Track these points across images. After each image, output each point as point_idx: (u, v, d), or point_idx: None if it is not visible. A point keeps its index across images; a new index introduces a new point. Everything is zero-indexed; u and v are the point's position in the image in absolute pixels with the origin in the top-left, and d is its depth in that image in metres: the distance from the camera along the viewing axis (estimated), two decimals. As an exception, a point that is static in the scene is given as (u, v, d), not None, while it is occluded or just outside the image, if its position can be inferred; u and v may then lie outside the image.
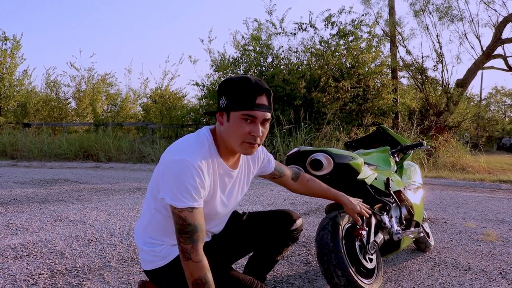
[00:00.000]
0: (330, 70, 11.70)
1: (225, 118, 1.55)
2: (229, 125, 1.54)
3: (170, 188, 1.46)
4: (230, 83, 1.55)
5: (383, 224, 2.35)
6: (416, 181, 2.95)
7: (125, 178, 7.75)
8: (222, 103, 1.55)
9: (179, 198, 1.45)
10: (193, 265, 1.46)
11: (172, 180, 1.46)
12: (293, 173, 2.09)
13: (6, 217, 4.03)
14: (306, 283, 2.42)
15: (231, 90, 1.53)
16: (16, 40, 16.80)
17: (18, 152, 12.37)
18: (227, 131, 1.55)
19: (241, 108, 1.50)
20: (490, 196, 6.29)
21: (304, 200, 5.36)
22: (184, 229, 1.46)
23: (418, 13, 12.92)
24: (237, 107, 1.51)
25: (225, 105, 1.53)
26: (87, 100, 17.47)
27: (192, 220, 1.46)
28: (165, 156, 1.56)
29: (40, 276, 2.45)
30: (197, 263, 1.46)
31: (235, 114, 1.52)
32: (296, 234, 2.01)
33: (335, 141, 9.79)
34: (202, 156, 1.53)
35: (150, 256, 1.67)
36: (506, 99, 43.64)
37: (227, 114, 1.54)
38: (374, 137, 3.17)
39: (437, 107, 12.43)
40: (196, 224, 1.47)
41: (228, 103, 1.52)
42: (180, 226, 1.46)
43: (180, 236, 1.46)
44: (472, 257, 3.01)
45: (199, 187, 1.49)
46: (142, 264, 1.73)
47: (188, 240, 1.46)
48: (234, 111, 1.51)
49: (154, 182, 1.63)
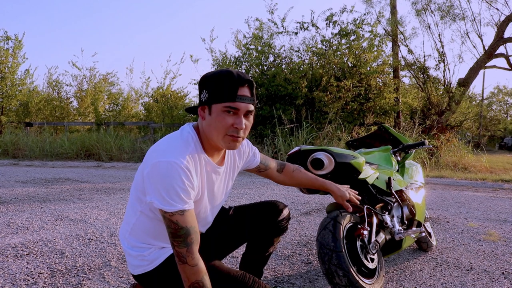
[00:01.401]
0: (332, 69, 11.68)
1: (206, 112, 1.52)
2: (211, 118, 1.50)
3: (158, 192, 1.41)
4: (210, 76, 1.51)
5: (384, 223, 2.33)
6: (418, 181, 2.94)
7: (127, 177, 7.74)
8: (203, 96, 1.51)
9: (168, 202, 1.41)
10: (190, 269, 1.43)
11: (159, 184, 1.41)
12: (278, 164, 2.07)
13: (7, 216, 4.03)
14: (307, 283, 2.41)
15: (212, 83, 1.49)
16: (18, 40, 16.80)
17: (20, 151, 12.38)
18: (209, 125, 1.51)
19: (223, 100, 1.46)
20: (492, 195, 6.26)
21: (305, 199, 5.35)
22: (177, 233, 1.42)
23: (420, 12, 12.89)
24: (218, 99, 1.47)
25: (206, 98, 1.49)
26: (88, 100, 17.48)
27: (184, 223, 1.43)
28: (150, 157, 1.49)
29: (40, 275, 2.44)
30: (193, 266, 1.43)
31: (217, 107, 1.48)
32: (284, 224, 1.99)
33: (336, 141, 9.77)
34: (188, 155, 1.49)
35: (138, 260, 1.63)
36: (508, 99, 43.55)
37: (209, 108, 1.50)
38: (376, 136, 3.15)
39: (439, 106, 12.39)
40: (188, 227, 1.43)
41: (209, 96, 1.48)
42: (173, 230, 1.42)
43: (174, 240, 1.43)
44: (474, 257, 2.99)
45: (188, 188, 1.45)
46: (130, 268, 1.68)
47: (182, 244, 1.42)
48: (216, 103, 1.48)
49: (138, 184, 1.59)
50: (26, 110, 17.34)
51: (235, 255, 2.90)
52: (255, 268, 2.05)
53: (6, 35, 16.56)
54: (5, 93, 16.74)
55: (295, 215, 4.36)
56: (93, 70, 18.37)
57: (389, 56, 12.70)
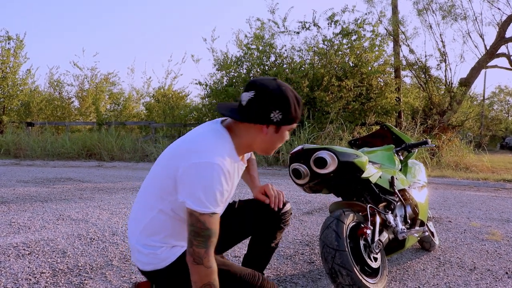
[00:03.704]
0: (333, 69, 11.66)
1: (272, 130, 1.56)
2: (274, 136, 1.58)
3: (195, 193, 1.41)
4: (281, 96, 1.52)
5: (387, 223, 2.32)
6: (421, 180, 2.93)
7: (128, 177, 7.74)
8: (276, 117, 1.52)
9: (204, 204, 1.41)
10: (204, 270, 1.43)
11: (199, 185, 1.41)
12: None
13: (9, 215, 4.02)
14: (310, 283, 2.40)
15: (286, 105, 1.53)
16: (19, 40, 16.80)
17: (21, 151, 12.38)
18: (267, 140, 1.59)
19: (292, 123, 1.57)
20: (494, 195, 6.25)
21: (307, 199, 5.34)
22: (200, 233, 1.41)
23: (421, 12, 12.86)
24: (289, 122, 1.56)
25: (279, 120, 1.53)
26: (90, 99, 17.48)
27: (210, 225, 1.42)
28: (187, 157, 1.47)
29: (42, 275, 2.44)
30: (208, 268, 1.43)
31: (286, 128, 1.58)
32: (287, 217, 2.00)
33: (338, 140, 9.76)
34: (228, 157, 1.50)
35: (149, 258, 1.62)
36: (510, 98, 43.47)
37: (277, 127, 1.55)
38: (378, 135, 3.14)
39: (440, 106, 12.37)
40: (213, 229, 1.43)
41: (282, 118, 1.53)
42: (197, 229, 1.41)
43: (195, 239, 1.42)
44: (478, 256, 2.98)
45: (225, 192, 1.46)
46: (139, 264, 1.66)
47: (202, 244, 1.42)
48: (286, 125, 1.56)
49: (162, 182, 1.56)
50: (28, 110, 17.35)
51: (237, 254, 2.90)
52: (258, 265, 2.04)
53: (8, 35, 16.57)
54: (7, 93, 16.75)
55: (297, 214, 4.35)
56: (94, 70, 18.38)
57: (391, 56, 12.68)
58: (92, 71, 18.30)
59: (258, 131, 1.56)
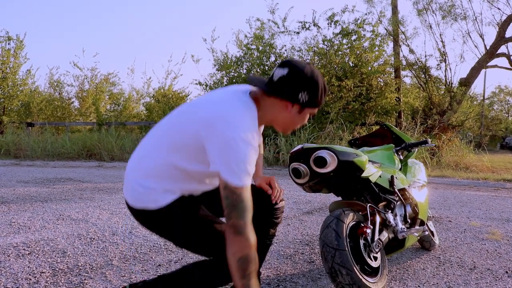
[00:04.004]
0: (333, 69, 11.66)
1: (296, 109, 1.62)
2: (296, 116, 1.64)
3: (229, 165, 1.45)
4: (311, 78, 1.59)
5: (387, 222, 2.32)
6: (421, 179, 2.93)
7: (128, 177, 7.73)
8: (303, 97, 1.58)
9: (238, 176, 1.45)
10: (245, 242, 1.46)
11: (232, 157, 1.45)
12: None
13: (9, 215, 4.02)
14: (310, 282, 2.40)
15: (316, 89, 1.60)
16: (20, 40, 16.81)
17: (21, 151, 12.38)
18: (289, 119, 1.64)
19: (315, 106, 1.64)
20: (494, 195, 6.25)
21: (307, 199, 5.34)
22: (236, 205, 1.45)
23: (421, 12, 12.86)
24: (313, 105, 1.63)
25: (305, 101, 1.59)
26: (90, 100, 17.48)
27: (245, 197, 1.47)
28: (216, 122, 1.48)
29: (42, 274, 2.44)
30: (248, 240, 1.47)
31: (308, 110, 1.65)
32: (278, 214, 2.00)
33: (338, 140, 9.76)
34: (256, 132, 1.54)
35: (142, 196, 1.61)
36: (510, 98, 43.47)
37: (301, 108, 1.62)
38: (378, 134, 3.14)
39: (440, 106, 12.37)
40: (247, 202, 1.48)
41: (308, 100, 1.60)
42: (233, 201, 1.45)
43: (232, 212, 1.46)
44: (478, 256, 2.98)
45: (253, 165, 1.51)
46: (130, 201, 1.66)
47: (240, 217, 1.46)
48: (310, 107, 1.63)
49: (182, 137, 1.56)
50: (28, 110, 17.35)
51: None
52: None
53: (8, 35, 16.58)
54: (7, 93, 16.76)
55: (297, 214, 4.35)
56: (94, 70, 18.39)
57: (391, 56, 12.68)
58: (92, 71, 18.32)
59: (283, 108, 1.61)
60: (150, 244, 3.11)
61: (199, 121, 1.53)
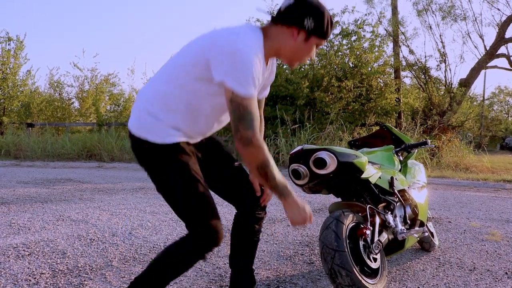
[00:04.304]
0: (333, 69, 11.67)
1: (301, 37, 1.62)
2: (302, 45, 1.64)
3: (235, 74, 1.47)
4: (320, 7, 1.60)
5: (387, 223, 2.32)
6: (421, 180, 2.93)
7: (128, 177, 7.74)
8: (308, 24, 1.59)
9: (243, 85, 1.47)
10: (256, 149, 1.50)
11: (238, 67, 1.47)
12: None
13: (9, 216, 4.02)
14: (310, 283, 2.40)
15: (321, 16, 1.61)
16: (20, 41, 16.83)
17: (22, 152, 12.38)
18: (295, 48, 1.64)
19: (322, 37, 1.64)
20: (494, 195, 6.25)
21: (307, 199, 5.34)
22: (244, 116, 1.48)
23: (421, 12, 12.88)
24: (320, 34, 1.62)
25: (311, 28, 1.60)
26: (90, 100, 17.50)
27: (252, 109, 1.50)
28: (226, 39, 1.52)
29: (41, 275, 2.44)
30: (259, 147, 1.50)
31: (314, 40, 1.64)
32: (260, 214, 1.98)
33: (338, 141, 9.76)
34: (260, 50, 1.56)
35: (149, 126, 1.62)
36: (510, 99, 43.52)
37: (307, 35, 1.62)
38: (378, 135, 3.14)
39: (440, 106, 12.38)
40: (255, 113, 1.51)
41: (314, 27, 1.60)
42: (240, 113, 1.48)
43: (239, 123, 1.49)
44: (477, 257, 2.98)
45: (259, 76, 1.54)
46: (133, 128, 1.67)
47: (248, 128, 1.48)
48: (315, 36, 1.63)
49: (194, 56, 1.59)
50: (28, 111, 17.37)
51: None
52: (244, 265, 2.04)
53: (8, 36, 16.60)
54: (7, 94, 16.77)
55: (297, 215, 4.35)
56: (94, 71, 18.43)
57: (390, 57, 12.70)
58: (92, 72, 18.35)
59: (289, 35, 1.63)
60: (150, 245, 3.11)
61: (205, 41, 1.59)
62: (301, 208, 1.64)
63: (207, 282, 2.38)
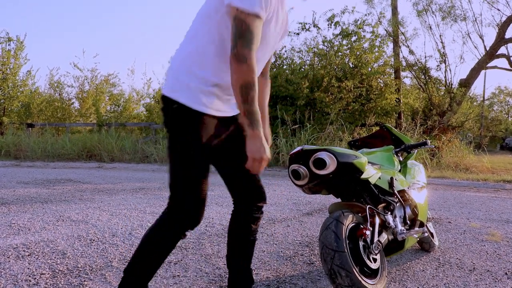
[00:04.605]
0: (333, 70, 11.68)
1: None
2: None
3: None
4: None
5: (387, 223, 2.32)
6: (420, 181, 2.93)
7: (128, 178, 7.75)
8: None
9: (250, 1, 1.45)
10: (247, 69, 1.48)
11: None
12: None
13: (9, 217, 4.03)
14: (310, 283, 2.40)
15: None
16: (20, 41, 16.86)
17: (22, 152, 12.39)
18: None
19: None
20: (494, 196, 6.25)
21: (307, 200, 5.34)
22: (244, 33, 1.46)
23: (421, 13, 12.88)
24: None
25: None
26: (90, 101, 17.51)
27: (254, 29, 1.48)
28: None
29: (41, 276, 2.44)
30: (250, 67, 1.48)
31: None
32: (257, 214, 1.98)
33: (338, 141, 9.77)
34: None
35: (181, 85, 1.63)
36: (510, 99, 43.53)
37: None
38: (378, 136, 3.14)
39: (440, 107, 12.38)
40: (256, 34, 1.48)
41: None
42: (241, 29, 1.47)
43: (239, 39, 1.47)
44: (477, 257, 2.98)
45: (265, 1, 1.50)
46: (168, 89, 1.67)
47: (246, 45, 1.47)
48: None
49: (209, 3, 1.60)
50: (28, 111, 17.38)
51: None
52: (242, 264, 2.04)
53: (8, 36, 16.61)
54: (7, 94, 16.79)
55: (297, 215, 4.36)
56: (94, 71, 18.45)
57: (390, 57, 12.70)
58: (92, 72, 18.37)
59: None
60: (150, 246, 3.11)
61: None
62: (263, 144, 1.59)
63: (207, 282, 2.38)
